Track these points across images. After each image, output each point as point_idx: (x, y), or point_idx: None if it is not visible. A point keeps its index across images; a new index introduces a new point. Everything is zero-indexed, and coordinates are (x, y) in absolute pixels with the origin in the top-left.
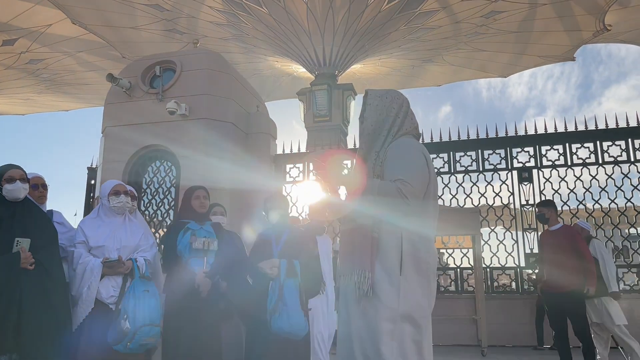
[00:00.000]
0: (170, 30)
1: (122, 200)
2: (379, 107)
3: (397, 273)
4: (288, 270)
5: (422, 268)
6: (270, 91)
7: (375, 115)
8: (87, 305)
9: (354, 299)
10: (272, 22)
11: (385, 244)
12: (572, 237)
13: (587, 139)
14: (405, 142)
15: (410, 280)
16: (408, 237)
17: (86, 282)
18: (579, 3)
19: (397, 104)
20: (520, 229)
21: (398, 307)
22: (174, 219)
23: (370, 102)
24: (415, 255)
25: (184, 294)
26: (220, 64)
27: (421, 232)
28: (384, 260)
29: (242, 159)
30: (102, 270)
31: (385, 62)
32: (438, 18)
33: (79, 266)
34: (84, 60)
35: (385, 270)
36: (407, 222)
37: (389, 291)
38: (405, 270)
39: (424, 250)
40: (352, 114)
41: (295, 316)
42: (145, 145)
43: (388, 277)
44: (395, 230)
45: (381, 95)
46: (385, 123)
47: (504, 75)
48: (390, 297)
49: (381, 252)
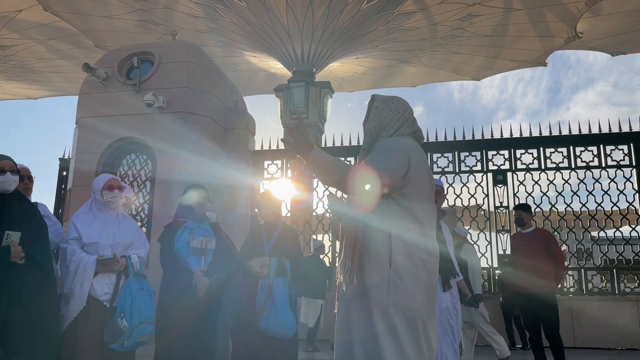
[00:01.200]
0: (145, 21)
1: (115, 194)
2: (383, 110)
3: (386, 267)
4: (278, 269)
5: (416, 262)
6: (246, 86)
7: (378, 119)
8: (80, 302)
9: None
10: (250, 17)
11: (373, 239)
12: (546, 240)
13: (561, 143)
14: (394, 139)
15: (402, 274)
16: (397, 232)
17: (79, 279)
18: (552, 10)
19: (400, 109)
20: (494, 230)
21: (388, 300)
22: (174, 218)
23: (375, 105)
24: (406, 249)
25: (181, 293)
26: (199, 58)
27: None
28: (372, 254)
29: (219, 154)
30: (96, 268)
31: (363, 61)
32: (416, 20)
33: (72, 263)
34: (55, 48)
35: (373, 265)
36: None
37: (379, 285)
38: (395, 264)
39: (413, 245)
40: (328, 111)
41: (284, 316)
42: (120, 138)
43: (377, 271)
44: (384, 225)
45: (386, 100)
46: (387, 126)
47: (477, 78)
48: (380, 291)
49: (369, 247)
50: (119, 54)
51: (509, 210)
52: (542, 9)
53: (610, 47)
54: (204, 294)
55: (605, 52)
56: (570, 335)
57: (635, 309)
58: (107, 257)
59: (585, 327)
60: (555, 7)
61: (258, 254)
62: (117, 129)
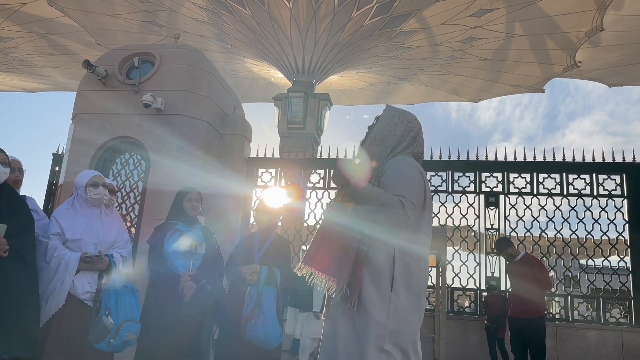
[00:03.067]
0: (149, 22)
1: (100, 192)
2: (389, 123)
3: (388, 289)
4: (268, 277)
5: (414, 286)
6: (245, 93)
7: (383, 129)
8: (59, 300)
9: (343, 311)
10: (254, 25)
11: (376, 258)
12: (532, 266)
13: (554, 170)
14: (403, 159)
15: (401, 297)
16: (400, 253)
17: (60, 276)
18: (552, 37)
19: (408, 126)
20: (483, 252)
21: (387, 323)
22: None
23: (383, 114)
24: (407, 271)
25: (167, 296)
26: (201, 62)
27: (414, 248)
28: (374, 275)
29: (214, 159)
30: (79, 265)
31: (363, 76)
32: (417, 38)
33: (54, 259)
34: (57, 43)
35: (375, 285)
36: (400, 238)
37: (379, 307)
38: (396, 286)
39: (415, 267)
40: (326, 123)
41: (271, 325)
42: (115, 136)
43: (379, 292)
44: (387, 246)
45: (395, 113)
46: (390, 138)
47: (475, 100)
48: (380, 312)
49: (372, 267)
50: (120, 53)
51: (499, 232)
52: (542, 36)
53: (608, 78)
54: (191, 298)
55: (603, 83)
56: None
57: (620, 339)
58: (92, 254)
59: (569, 353)
60: (556, 35)
61: (249, 261)
62: (113, 128)
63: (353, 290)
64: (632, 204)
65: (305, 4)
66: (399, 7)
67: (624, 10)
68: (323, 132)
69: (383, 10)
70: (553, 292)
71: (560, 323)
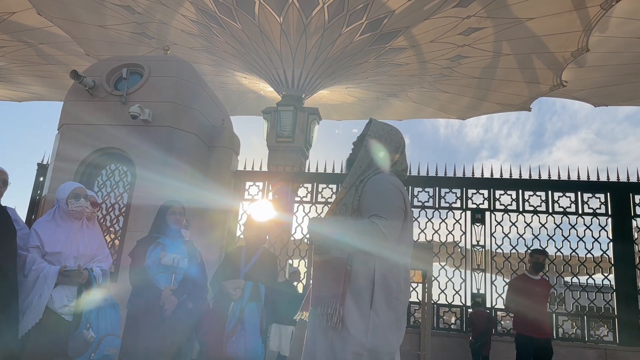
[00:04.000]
0: (139, 34)
1: (82, 204)
2: (382, 147)
3: (367, 306)
4: (252, 293)
5: (393, 303)
6: (234, 106)
7: (372, 151)
8: (36, 314)
9: (322, 329)
10: (244, 38)
11: (358, 277)
12: (549, 287)
13: (540, 187)
14: (382, 178)
15: (380, 315)
16: (380, 271)
17: (38, 290)
18: (539, 57)
19: (395, 146)
20: (469, 268)
21: (366, 341)
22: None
23: (372, 134)
24: (387, 289)
25: (148, 311)
26: (189, 74)
27: (394, 263)
28: (355, 293)
29: (201, 172)
30: (57, 279)
31: (352, 91)
32: (406, 55)
33: (32, 272)
34: (45, 52)
35: (356, 303)
36: (381, 255)
37: (358, 324)
38: (375, 304)
39: (395, 285)
40: (314, 138)
41: (252, 342)
42: (102, 147)
43: (359, 310)
44: (368, 264)
45: (383, 134)
46: (377, 160)
47: (462, 117)
48: (359, 330)
49: (353, 285)
50: (108, 63)
51: (485, 249)
52: (530, 55)
53: (593, 98)
54: (172, 313)
55: (588, 103)
56: None
57: (604, 357)
58: (71, 268)
59: None
60: (542, 55)
61: (234, 276)
62: (99, 138)
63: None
64: (616, 223)
65: (295, 18)
66: (389, 24)
67: (609, 32)
68: (312, 146)
69: (373, 27)
70: None
71: None
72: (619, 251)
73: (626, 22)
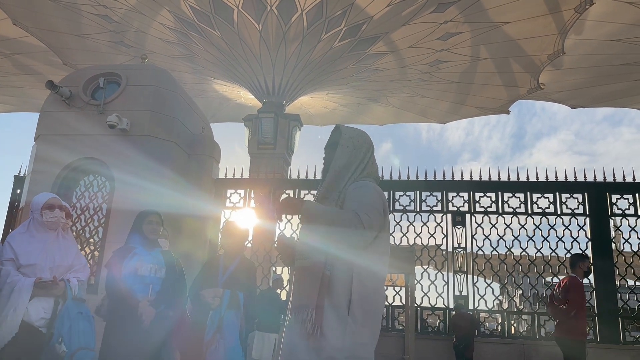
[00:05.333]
0: (116, 42)
1: (56, 215)
2: (349, 148)
3: (344, 312)
4: (231, 301)
5: (369, 309)
6: (215, 113)
7: (345, 156)
8: (12, 328)
9: (300, 336)
10: (223, 46)
11: (336, 281)
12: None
13: (519, 189)
14: (364, 183)
15: (357, 320)
16: (358, 276)
17: (13, 303)
18: (517, 60)
19: (365, 148)
20: (451, 270)
21: (343, 346)
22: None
23: (343, 143)
24: (363, 294)
25: (125, 322)
26: (167, 82)
27: (371, 269)
28: (333, 298)
29: (181, 181)
30: (33, 291)
31: (333, 97)
32: (386, 61)
33: (6, 286)
34: (21, 63)
35: (333, 308)
36: (359, 259)
37: (335, 330)
38: (352, 309)
39: (372, 289)
40: (296, 144)
41: (232, 351)
42: (79, 158)
43: (336, 315)
44: (347, 269)
45: (353, 136)
46: (352, 165)
47: (442, 122)
48: (336, 335)
49: (331, 290)
50: (85, 73)
51: (466, 251)
52: (507, 59)
53: (570, 100)
54: (150, 324)
55: (565, 105)
56: None
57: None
58: (47, 279)
59: None
60: (520, 58)
61: (212, 284)
62: (77, 149)
63: (318, 314)
64: (593, 222)
65: (274, 25)
66: (367, 30)
67: (584, 35)
68: (294, 152)
69: (352, 33)
70: (520, 309)
71: (527, 340)
72: (598, 250)
73: (600, 25)
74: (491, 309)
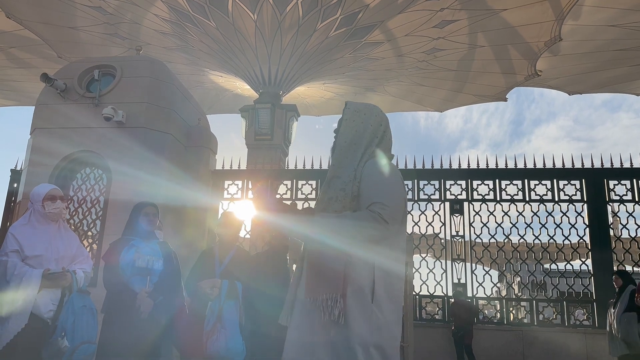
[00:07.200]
0: (111, 35)
1: (58, 206)
2: (355, 122)
3: (368, 300)
4: (229, 291)
5: (395, 295)
6: (211, 104)
7: (351, 131)
8: (21, 320)
9: (320, 324)
10: (218, 37)
11: (357, 268)
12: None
13: (516, 176)
14: (382, 163)
15: (383, 309)
16: (380, 262)
17: (22, 295)
18: (514, 47)
19: (376, 120)
20: (449, 258)
21: (370, 337)
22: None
23: (346, 117)
24: (388, 281)
25: (124, 314)
26: (163, 73)
27: (393, 256)
28: (354, 286)
29: (178, 173)
30: (41, 282)
31: (329, 87)
32: (383, 50)
33: (15, 277)
34: (15, 56)
35: (356, 297)
36: (379, 247)
37: (360, 320)
38: (377, 297)
39: (395, 275)
40: (294, 134)
41: (233, 340)
42: (75, 151)
43: (360, 304)
44: (367, 257)
45: (359, 109)
46: (362, 139)
47: (440, 110)
48: (361, 326)
49: (352, 279)
50: (79, 65)
51: (464, 239)
52: (504, 46)
53: (567, 86)
54: (148, 316)
55: (562, 91)
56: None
57: (584, 341)
58: (55, 270)
59: (536, 357)
60: (517, 45)
61: (209, 275)
62: (73, 141)
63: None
64: (591, 209)
65: (270, 15)
66: (363, 18)
67: (581, 21)
68: (291, 143)
69: (348, 22)
70: (519, 296)
71: (526, 327)
72: (595, 236)
73: (598, 10)
74: (489, 296)
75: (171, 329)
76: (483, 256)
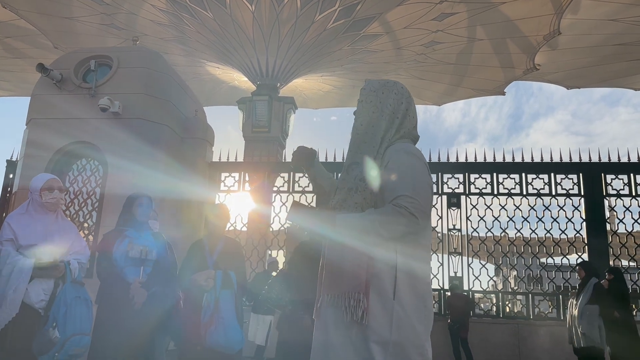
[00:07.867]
0: (107, 25)
1: (56, 196)
2: (372, 102)
3: (390, 297)
4: (224, 281)
5: (419, 290)
6: (208, 96)
7: (368, 112)
8: (12, 309)
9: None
10: (216, 28)
11: (378, 263)
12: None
13: (514, 170)
14: (407, 149)
15: (405, 305)
16: (403, 256)
17: (13, 284)
18: (513, 41)
19: (396, 98)
20: (446, 252)
21: (390, 335)
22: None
23: (362, 98)
24: (411, 275)
25: (117, 305)
26: (159, 64)
27: (417, 250)
28: (375, 282)
29: (174, 164)
30: (33, 272)
31: (327, 79)
32: (381, 42)
33: (6, 266)
34: (11, 46)
35: (377, 294)
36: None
37: (380, 318)
38: (399, 294)
39: (419, 269)
40: (291, 127)
41: (232, 329)
42: (71, 142)
43: (381, 302)
44: (389, 254)
45: (377, 88)
46: (380, 121)
47: (438, 103)
48: (382, 324)
49: (374, 274)
50: (76, 56)
51: (461, 233)
52: (503, 39)
53: (566, 80)
54: (142, 306)
55: (561, 85)
56: (516, 358)
57: None
58: (47, 261)
59: (531, 350)
60: (516, 39)
61: (202, 267)
62: (69, 133)
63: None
64: (588, 203)
65: (267, 6)
66: (362, 10)
67: (580, 15)
68: (288, 135)
69: (346, 14)
70: (515, 290)
71: (522, 320)
72: (592, 231)
73: (597, 4)
74: (486, 289)
75: (168, 321)
76: (480, 250)
